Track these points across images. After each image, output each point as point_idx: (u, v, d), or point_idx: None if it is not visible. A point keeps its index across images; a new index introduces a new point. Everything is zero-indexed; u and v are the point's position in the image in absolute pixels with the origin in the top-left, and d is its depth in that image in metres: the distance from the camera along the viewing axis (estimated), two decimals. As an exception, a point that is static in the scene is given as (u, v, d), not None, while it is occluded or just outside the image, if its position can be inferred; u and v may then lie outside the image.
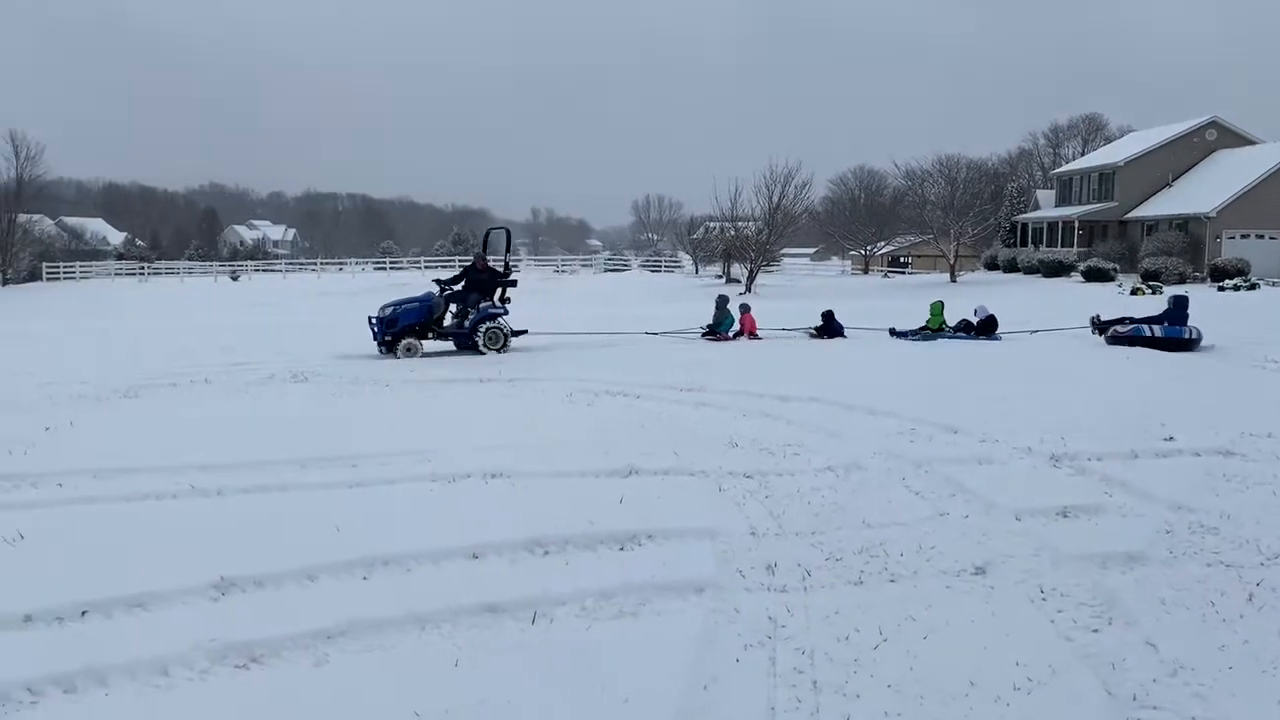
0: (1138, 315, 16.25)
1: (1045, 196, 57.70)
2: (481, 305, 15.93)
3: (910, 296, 33.36)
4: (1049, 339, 16.77)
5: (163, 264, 66.20)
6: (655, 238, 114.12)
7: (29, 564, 5.17)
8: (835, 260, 79.25)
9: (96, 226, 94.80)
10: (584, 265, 65.51)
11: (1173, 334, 14.83)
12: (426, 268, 58.32)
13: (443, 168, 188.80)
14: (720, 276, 50.93)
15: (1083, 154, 68.86)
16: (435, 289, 16.03)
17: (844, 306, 21.42)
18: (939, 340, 16.77)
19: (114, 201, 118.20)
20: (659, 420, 9.20)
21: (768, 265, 47.90)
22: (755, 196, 47.19)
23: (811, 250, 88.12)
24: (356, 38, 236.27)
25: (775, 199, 46.30)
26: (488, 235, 18.53)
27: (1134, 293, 32.94)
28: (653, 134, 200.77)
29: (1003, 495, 6.40)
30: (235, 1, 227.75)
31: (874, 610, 4.59)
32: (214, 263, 68.25)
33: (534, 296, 39.50)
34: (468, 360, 14.57)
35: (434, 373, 12.83)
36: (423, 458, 7.47)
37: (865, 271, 62.93)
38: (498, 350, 15.58)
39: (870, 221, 65.51)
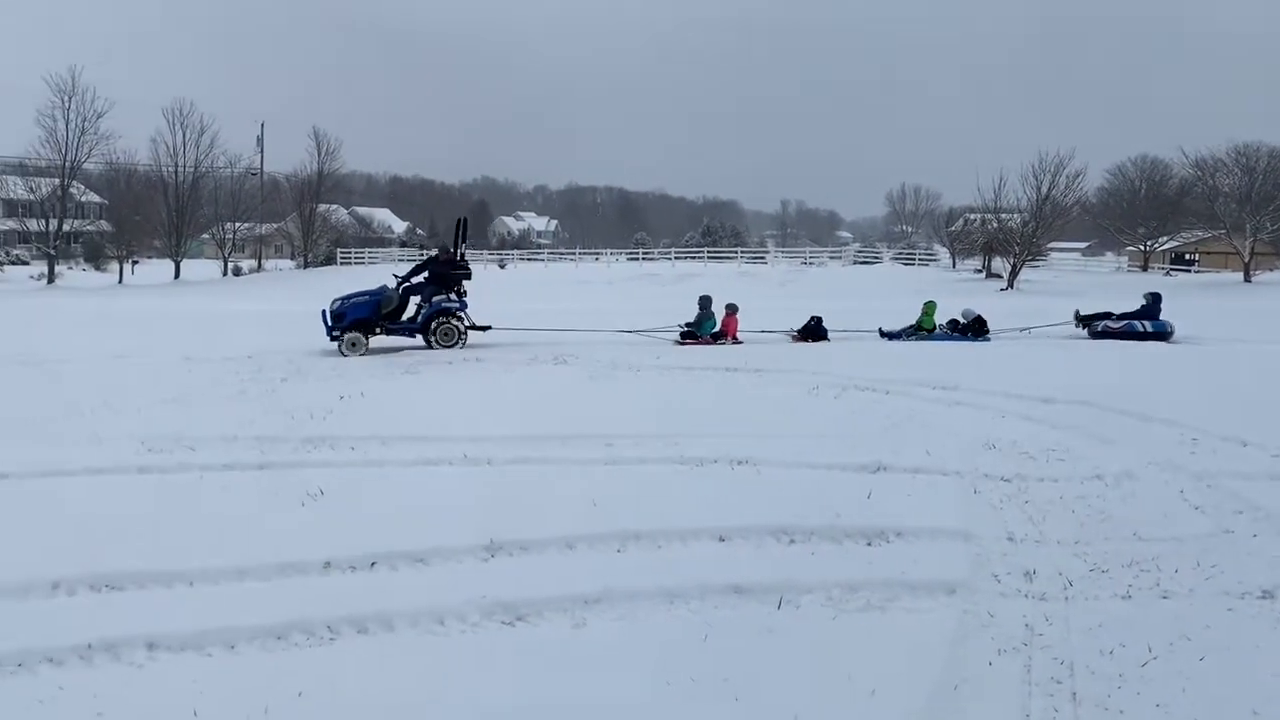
0: (1114, 311, 17.61)
1: (1367, 187, 50.82)
2: (434, 299, 15.15)
3: (1197, 295, 30.51)
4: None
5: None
6: (909, 229, 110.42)
7: (327, 517, 5.79)
8: (1110, 256, 73.64)
9: (383, 216, 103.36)
10: (832, 258, 64.33)
11: (1159, 328, 16.49)
12: (677, 258, 59.46)
13: (695, 161, 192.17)
14: (979, 271, 48.62)
15: None
16: (393, 282, 15.29)
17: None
18: (932, 341, 16.16)
19: (398, 193, 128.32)
20: (910, 417, 8.98)
21: (1033, 260, 45.22)
22: (1022, 186, 44.71)
23: (1083, 245, 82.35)
24: (612, 37, 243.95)
25: (1044, 189, 43.67)
26: (459, 224, 16.59)
27: None
28: (910, 122, 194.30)
29: (1301, 516, 5.79)
30: (507, 10, 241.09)
31: (1142, 627, 4.32)
32: (484, 251, 72.68)
33: (780, 289, 39.40)
34: (712, 350, 14.78)
35: (680, 361, 13.12)
36: (671, 441, 7.69)
37: (1144, 269, 58.03)
38: (452, 346, 14.81)
39: (1152, 215, 60.27)
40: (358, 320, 14.83)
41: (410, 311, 15.42)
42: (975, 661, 4.00)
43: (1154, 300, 17.04)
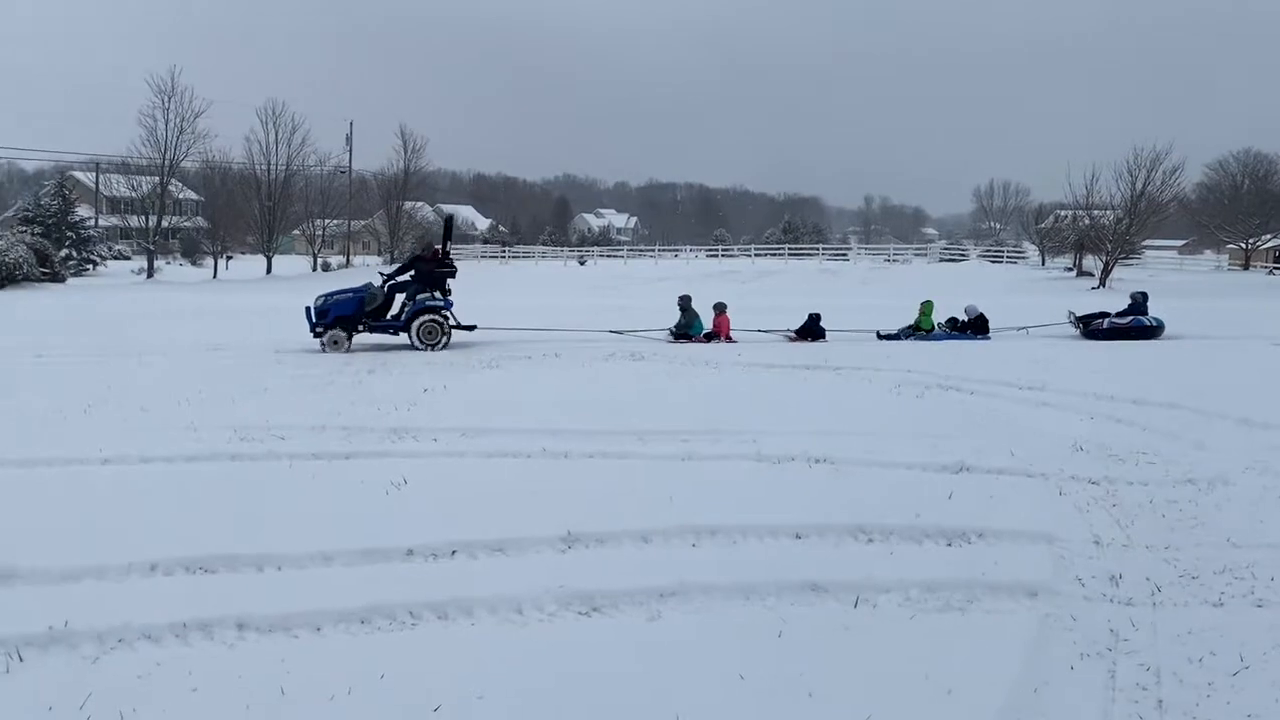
0: (1099, 310, 18.00)
1: None
2: (419, 297, 14.89)
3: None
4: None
5: (520, 248, 72.05)
6: (997, 226, 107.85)
7: (410, 505, 5.93)
8: (1208, 254, 70.94)
9: (466, 213, 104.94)
10: (917, 255, 63.13)
11: (1158, 323, 16.87)
12: (756, 255, 59.13)
13: (776, 157, 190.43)
14: (1070, 269, 47.28)
15: None
16: (378, 279, 15.15)
17: (1204, 305, 19.27)
18: (931, 340, 15.94)
19: (481, 190, 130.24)
20: (994, 417, 8.81)
21: (1126, 258, 43.80)
22: (1115, 182, 43.36)
23: (1180, 243, 79.47)
24: (691, 37, 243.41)
25: (1139, 185, 42.28)
26: (447, 223, 16.89)
27: None
28: (998, 117, 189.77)
29: None
30: (589, 12, 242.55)
31: (1234, 635, 4.17)
32: (564, 248, 73.31)
33: (862, 286, 38.88)
34: (792, 348, 14.68)
35: (759, 357, 13.08)
36: (749, 438, 7.68)
37: (1245, 267, 55.77)
38: (435, 347, 14.53)
39: (1256, 211, 57.82)
40: (341, 317, 14.72)
41: (395, 309, 15.31)
42: (1057, 665, 3.92)
43: (1143, 298, 17.61)
